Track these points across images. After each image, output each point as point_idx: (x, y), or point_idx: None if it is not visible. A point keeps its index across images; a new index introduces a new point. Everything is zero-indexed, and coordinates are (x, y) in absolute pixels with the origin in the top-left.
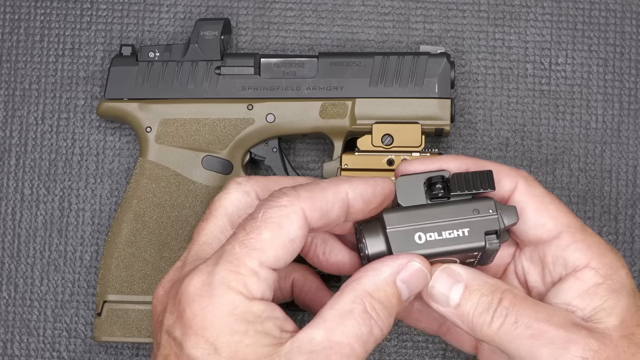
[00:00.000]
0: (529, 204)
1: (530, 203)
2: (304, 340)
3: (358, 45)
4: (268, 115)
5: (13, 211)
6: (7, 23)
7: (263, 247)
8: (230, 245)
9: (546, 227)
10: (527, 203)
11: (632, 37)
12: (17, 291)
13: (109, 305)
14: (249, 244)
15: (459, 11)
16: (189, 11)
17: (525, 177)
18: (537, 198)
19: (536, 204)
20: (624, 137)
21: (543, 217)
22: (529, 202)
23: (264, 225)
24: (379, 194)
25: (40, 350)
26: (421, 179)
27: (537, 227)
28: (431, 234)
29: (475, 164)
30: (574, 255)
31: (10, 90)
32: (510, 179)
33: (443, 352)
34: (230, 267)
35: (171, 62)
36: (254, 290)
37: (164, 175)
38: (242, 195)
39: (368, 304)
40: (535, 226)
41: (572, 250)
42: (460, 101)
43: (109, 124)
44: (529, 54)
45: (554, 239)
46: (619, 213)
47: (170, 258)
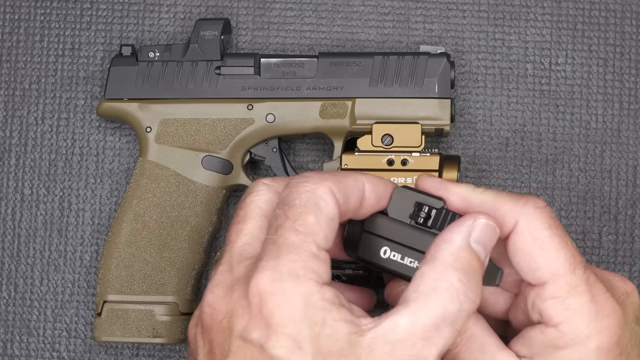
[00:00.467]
0: (524, 246)
1: (526, 246)
2: (388, 328)
3: (358, 45)
4: (268, 115)
5: (13, 211)
6: (7, 23)
7: (313, 231)
8: (282, 236)
9: (535, 274)
10: (523, 245)
11: (632, 37)
12: (17, 291)
13: (109, 305)
14: (301, 230)
15: (459, 11)
16: (189, 11)
17: (529, 214)
18: (535, 241)
19: (531, 248)
20: (624, 137)
21: (535, 263)
22: (525, 245)
23: (305, 210)
24: (390, 193)
25: (40, 350)
26: (414, 198)
27: (528, 272)
28: (395, 253)
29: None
30: (548, 310)
31: (10, 90)
32: (510, 218)
33: None
34: (293, 257)
35: (171, 62)
36: (323, 273)
37: (164, 175)
38: (274, 195)
39: (453, 276)
40: (526, 271)
41: (548, 304)
42: (460, 101)
43: (109, 124)
44: (529, 54)
45: (538, 286)
46: (619, 213)
47: (170, 258)
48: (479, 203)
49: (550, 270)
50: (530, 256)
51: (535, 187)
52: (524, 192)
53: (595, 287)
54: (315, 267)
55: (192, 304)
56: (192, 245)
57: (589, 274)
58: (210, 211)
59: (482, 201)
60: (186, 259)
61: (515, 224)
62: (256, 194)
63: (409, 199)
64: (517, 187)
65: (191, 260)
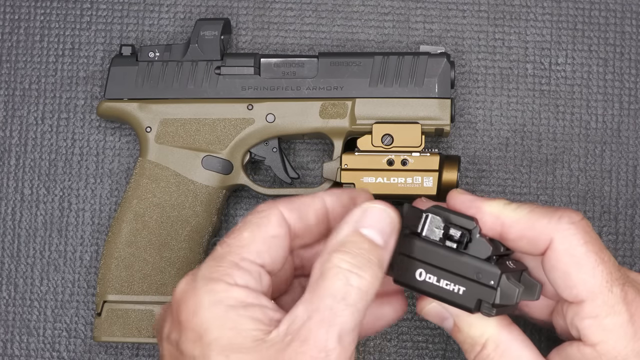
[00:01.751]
0: (560, 264)
1: (562, 264)
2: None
3: (358, 45)
4: (268, 115)
5: (13, 211)
6: (7, 23)
7: (243, 244)
8: (214, 250)
9: (572, 292)
10: (559, 263)
11: (632, 37)
12: (17, 291)
13: (109, 305)
14: (230, 243)
15: (459, 11)
16: (189, 11)
17: (564, 231)
18: (572, 259)
19: (568, 265)
20: (624, 137)
21: (571, 280)
22: (561, 263)
23: (243, 227)
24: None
25: (40, 350)
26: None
27: (565, 289)
28: (431, 275)
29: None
30: (586, 330)
31: (10, 90)
32: (545, 235)
33: (443, 352)
34: (212, 264)
35: (171, 62)
36: (237, 278)
37: (164, 175)
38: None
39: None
40: (562, 288)
41: (586, 324)
42: (460, 101)
43: (109, 124)
44: (529, 54)
45: (576, 304)
46: (619, 213)
47: (170, 258)
48: (512, 222)
49: (587, 289)
50: (566, 274)
51: (535, 187)
52: (524, 192)
53: (634, 305)
54: (231, 272)
55: None
56: (192, 245)
57: (627, 291)
58: (210, 211)
59: (515, 219)
60: (186, 259)
61: (551, 240)
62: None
63: (441, 218)
64: (517, 187)
65: (191, 260)
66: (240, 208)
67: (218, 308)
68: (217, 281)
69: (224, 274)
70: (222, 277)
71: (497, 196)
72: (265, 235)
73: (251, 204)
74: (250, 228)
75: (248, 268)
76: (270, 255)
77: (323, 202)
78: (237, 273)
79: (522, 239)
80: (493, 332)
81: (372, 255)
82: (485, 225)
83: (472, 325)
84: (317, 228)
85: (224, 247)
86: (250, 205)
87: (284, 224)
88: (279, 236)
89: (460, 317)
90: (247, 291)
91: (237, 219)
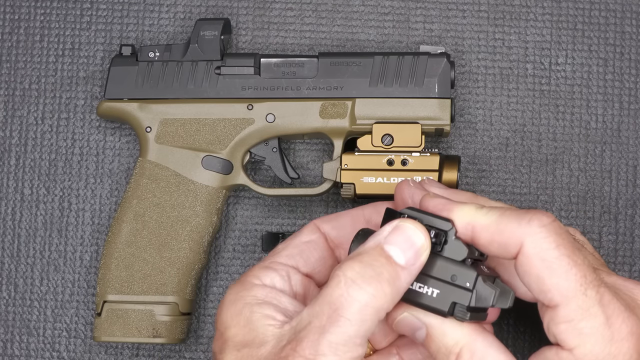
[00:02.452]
0: (532, 268)
1: (533, 268)
2: (297, 320)
3: (358, 45)
4: (268, 115)
5: (13, 211)
6: (7, 23)
7: (275, 253)
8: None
9: (547, 295)
10: (531, 268)
11: (632, 37)
12: (17, 291)
13: (108, 305)
14: (265, 259)
15: (459, 11)
16: (189, 11)
17: (534, 234)
18: (543, 263)
19: (540, 270)
20: (624, 137)
21: (544, 285)
22: (533, 267)
23: (281, 245)
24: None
25: (40, 350)
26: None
27: (539, 294)
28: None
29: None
30: (562, 335)
31: (10, 90)
32: (515, 239)
33: None
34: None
35: (171, 62)
36: (264, 278)
37: (164, 175)
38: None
39: (346, 266)
40: (537, 292)
41: (562, 329)
42: (460, 101)
43: (109, 124)
44: (529, 54)
45: (551, 308)
46: (619, 213)
47: (170, 258)
48: (482, 226)
49: (561, 293)
50: (539, 278)
51: (535, 187)
52: (524, 192)
53: (611, 307)
54: (260, 273)
55: (192, 304)
56: (192, 245)
57: (602, 293)
58: (210, 211)
59: (486, 224)
60: (186, 259)
61: (521, 245)
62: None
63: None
64: (517, 187)
65: (191, 260)
66: (240, 208)
67: (236, 306)
68: (243, 282)
69: (253, 275)
70: (249, 278)
71: (497, 196)
72: (297, 242)
73: (251, 204)
74: (285, 242)
75: (276, 268)
76: (303, 257)
77: (360, 213)
78: (264, 273)
79: (493, 243)
80: (467, 340)
81: (384, 269)
82: (459, 229)
83: (445, 334)
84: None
85: (261, 261)
86: (250, 205)
87: (316, 231)
88: (311, 241)
89: (433, 326)
90: (269, 290)
91: (237, 219)
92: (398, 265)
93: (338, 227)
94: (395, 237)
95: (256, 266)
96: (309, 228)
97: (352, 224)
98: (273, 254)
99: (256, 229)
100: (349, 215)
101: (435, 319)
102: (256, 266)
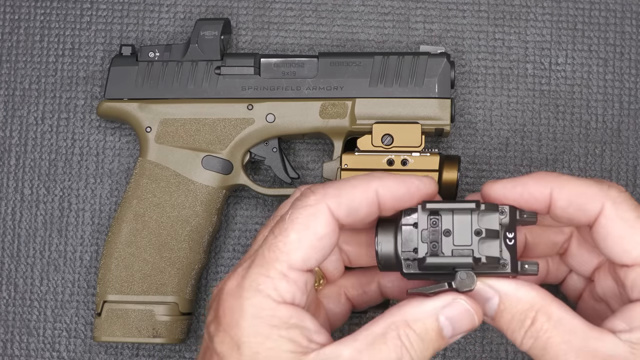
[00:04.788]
0: (614, 228)
1: (616, 228)
2: (330, 355)
3: (358, 45)
4: (268, 115)
5: (13, 211)
6: (7, 23)
7: (290, 249)
8: (261, 250)
9: (631, 254)
10: (613, 228)
11: (632, 37)
12: (17, 291)
13: (108, 305)
14: (277, 247)
15: (459, 11)
16: (189, 11)
17: (614, 198)
18: (626, 223)
19: (622, 229)
20: (624, 137)
21: (628, 243)
22: (615, 227)
23: (290, 226)
24: (414, 193)
25: (40, 350)
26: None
27: (622, 254)
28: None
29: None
30: None
31: (10, 90)
32: (596, 202)
33: (443, 352)
34: (261, 271)
35: (171, 62)
36: (284, 292)
37: (164, 175)
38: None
39: (403, 332)
40: (619, 252)
41: None
42: (460, 101)
43: (109, 124)
44: (529, 54)
45: (637, 265)
46: None
47: (170, 258)
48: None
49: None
50: (622, 238)
51: None
52: None
53: None
54: (279, 285)
55: (192, 303)
56: (192, 245)
57: None
58: (210, 211)
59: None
60: (186, 259)
61: (602, 208)
62: (292, 198)
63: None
64: None
65: (191, 260)
66: (240, 208)
67: (261, 326)
68: (265, 296)
69: (272, 287)
70: (269, 291)
71: None
72: (313, 238)
73: (251, 204)
74: (297, 228)
75: (295, 278)
76: (317, 257)
77: (374, 196)
78: (284, 286)
79: (572, 205)
80: (542, 303)
81: (432, 345)
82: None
83: (519, 300)
84: (366, 219)
85: (272, 250)
86: (250, 205)
87: (332, 222)
88: (325, 236)
89: (508, 293)
90: (292, 309)
91: (237, 219)
92: (444, 339)
93: (352, 214)
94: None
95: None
96: (324, 217)
97: (366, 209)
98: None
99: (256, 229)
100: (363, 199)
101: (509, 284)
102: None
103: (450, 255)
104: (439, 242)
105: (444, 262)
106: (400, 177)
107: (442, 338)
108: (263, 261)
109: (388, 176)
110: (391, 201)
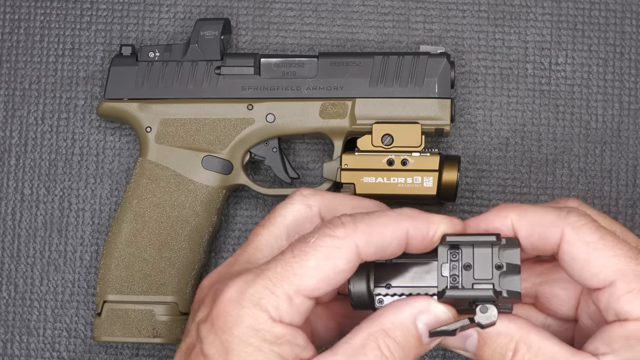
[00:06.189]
0: (579, 253)
1: (580, 253)
2: None
3: (358, 45)
4: (268, 115)
5: (13, 211)
6: (7, 23)
7: (304, 275)
8: (274, 263)
9: (599, 277)
10: (577, 253)
11: (632, 37)
12: (17, 291)
13: (109, 305)
14: (292, 267)
15: (459, 11)
16: (189, 11)
17: (573, 223)
18: (588, 246)
19: (586, 253)
20: (624, 137)
21: (595, 267)
22: (579, 252)
23: (312, 252)
24: (439, 236)
25: (40, 350)
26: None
27: (591, 278)
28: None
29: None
30: (627, 306)
31: (10, 90)
32: (555, 228)
33: (443, 352)
34: (268, 285)
35: (171, 62)
36: (284, 314)
37: (164, 175)
38: (304, 208)
39: (382, 341)
40: (588, 277)
41: (624, 300)
42: (460, 101)
43: (109, 124)
44: (529, 54)
45: (607, 287)
46: (619, 213)
47: (170, 258)
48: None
49: (614, 268)
50: (587, 261)
51: (535, 187)
52: (524, 192)
53: None
54: (281, 305)
55: (192, 304)
56: (192, 245)
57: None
58: (210, 211)
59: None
60: (186, 259)
61: (562, 235)
62: (287, 203)
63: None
64: (517, 187)
65: (191, 260)
66: (240, 208)
67: (254, 338)
68: (263, 311)
69: (274, 305)
70: (270, 308)
71: (497, 196)
72: (331, 272)
73: (251, 204)
74: (317, 256)
75: (299, 303)
76: (327, 289)
77: (405, 236)
78: (285, 308)
79: (533, 234)
80: (522, 333)
81: (412, 351)
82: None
83: (499, 333)
84: (389, 256)
85: (286, 269)
86: (250, 205)
87: (354, 260)
88: (342, 272)
89: (485, 330)
90: (287, 329)
91: (237, 219)
92: (423, 345)
93: (379, 253)
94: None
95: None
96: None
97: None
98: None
99: None
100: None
101: None
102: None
103: (470, 288)
104: (459, 275)
105: (464, 295)
106: (430, 218)
107: (421, 344)
108: (273, 276)
109: (418, 216)
110: (419, 242)
